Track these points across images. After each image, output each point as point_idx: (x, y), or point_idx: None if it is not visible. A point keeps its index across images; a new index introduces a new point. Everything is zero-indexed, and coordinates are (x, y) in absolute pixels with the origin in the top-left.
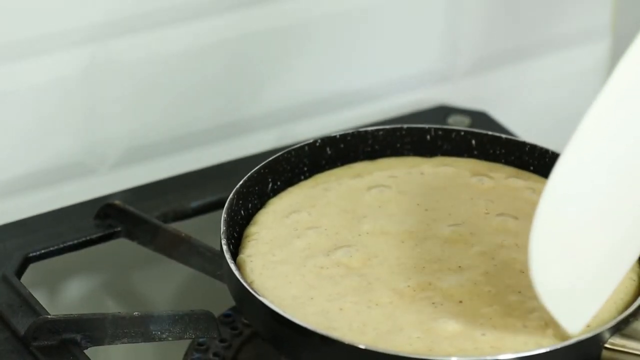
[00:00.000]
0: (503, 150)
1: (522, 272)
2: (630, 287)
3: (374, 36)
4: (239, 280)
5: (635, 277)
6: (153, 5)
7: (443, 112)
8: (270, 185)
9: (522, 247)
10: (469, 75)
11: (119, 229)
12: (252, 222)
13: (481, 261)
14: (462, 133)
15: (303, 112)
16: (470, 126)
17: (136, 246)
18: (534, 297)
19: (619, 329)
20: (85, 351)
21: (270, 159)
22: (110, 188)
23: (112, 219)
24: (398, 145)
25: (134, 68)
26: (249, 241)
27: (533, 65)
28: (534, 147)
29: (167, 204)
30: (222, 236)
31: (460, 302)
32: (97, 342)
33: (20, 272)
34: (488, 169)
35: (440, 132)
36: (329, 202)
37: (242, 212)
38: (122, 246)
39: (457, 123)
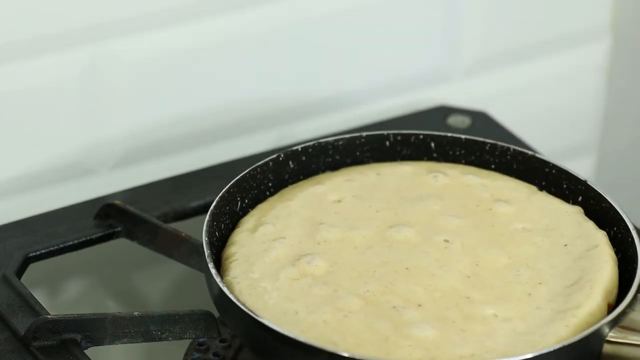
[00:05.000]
0: (463, 151)
1: (468, 277)
2: (608, 271)
3: (374, 36)
4: (236, 305)
5: (608, 259)
6: (153, 5)
7: (443, 112)
8: (239, 204)
9: (467, 247)
10: (469, 75)
11: (119, 229)
12: (229, 243)
13: (426, 263)
14: (421, 136)
15: (303, 112)
16: (470, 126)
17: (136, 246)
18: (481, 301)
19: (618, 321)
20: (85, 351)
21: (238, 177)
22: (110, 188)
23: (112, 219)
24: (358, 153)
25: (134, 68)
26: (230, 262)
27: (533, 65)
28: (494, 146)
29: (167, 204)
30: (208, 260)
31: (419, 305)
32: (97, 342)
33: (20, 272)
34: (447, 167)
35: (399, 137)
36: (290, 212)
37: (216, 233)
38: (122, 246)
39: (457, 123)
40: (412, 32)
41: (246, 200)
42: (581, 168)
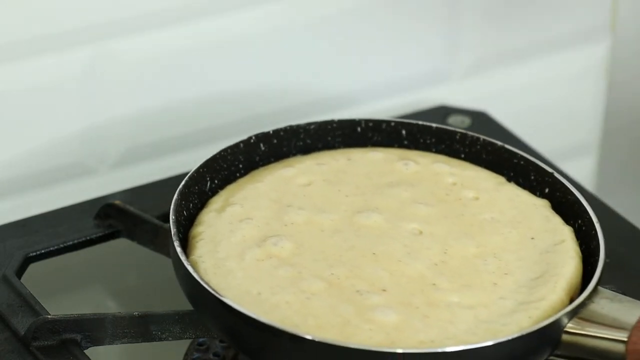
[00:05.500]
0: (433, 139)
1: (436, 264)
2: (573, 267)
3: (374, 36)
4: (199, 283)
5: (574, 255)
6: (153, 5)
7: (443, 112)
8: (208, 184)
9: (436, 235)
10: (469, 75)
11: (119, 229)
12: (196, 223)
13: (394, 249)
14: (393, 124)
15: (303, 112)
16: (470, 126)
17: (136, 246)
18: (447, 289)
19: (577, 313)
20: (85, 351)
21: (208, 158)
22: (110, 188)
23: (112, 219)
24: (329, 138)
25: (134, 68)
26: (197, 242)
27: (533, 65)
28: (464, 135)
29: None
30: (174, 238)
31: (384, 290)
32: (97, 342)
33: (20, 272)
34: (418, 155)
35: (370, 124)
36: (259, 193)
37: (184, 212)
38: (122, 246)
39: (457, 123)
40: (412, 32)
41: (216, 181)
42: (581, 168)
